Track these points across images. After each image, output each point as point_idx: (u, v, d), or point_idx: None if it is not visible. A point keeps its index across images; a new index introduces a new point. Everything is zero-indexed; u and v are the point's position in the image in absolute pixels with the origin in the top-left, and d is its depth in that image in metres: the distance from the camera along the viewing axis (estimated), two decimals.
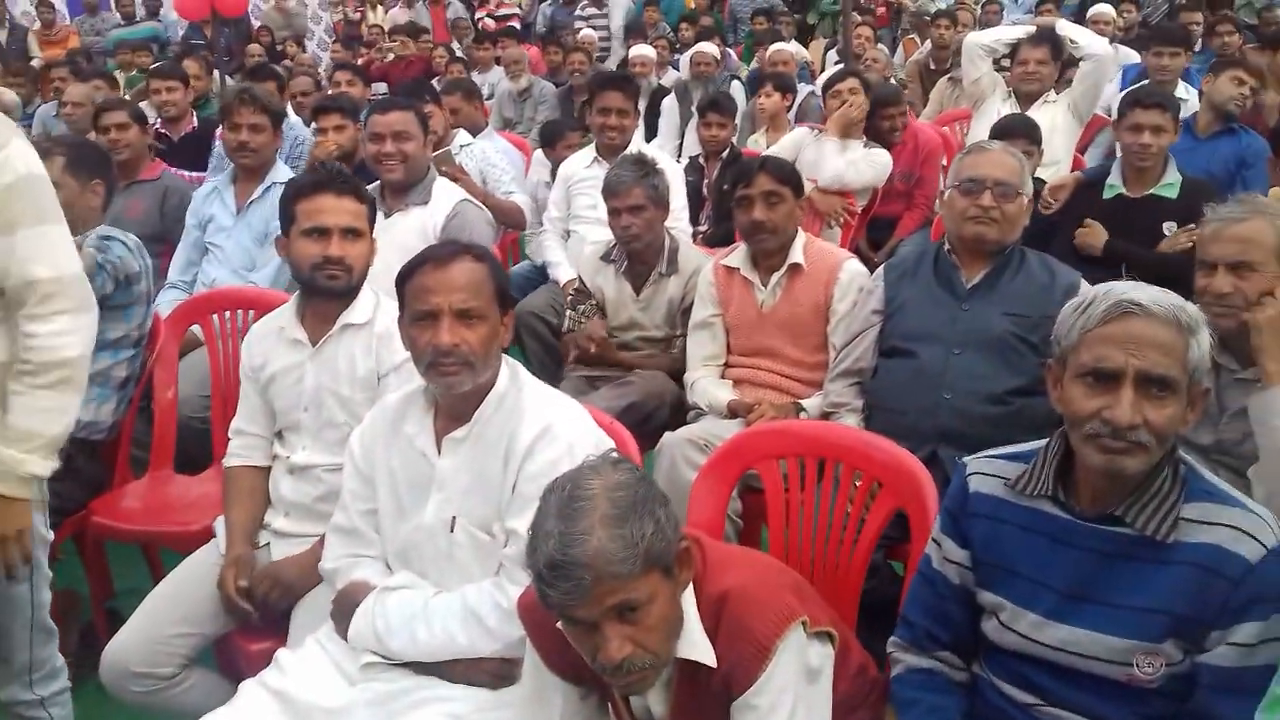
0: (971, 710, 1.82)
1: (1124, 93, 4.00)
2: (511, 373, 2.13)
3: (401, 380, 2.33)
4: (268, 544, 2.51)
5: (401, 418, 2.15)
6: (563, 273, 4.38)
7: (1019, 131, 4.11)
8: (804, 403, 3.08)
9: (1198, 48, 6.56)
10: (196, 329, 3.33)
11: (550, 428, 2.03)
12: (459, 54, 9.38)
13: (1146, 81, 5.15)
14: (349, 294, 2.50)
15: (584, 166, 4.53)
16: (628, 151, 3.93)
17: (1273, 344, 2.17)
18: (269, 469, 2.58)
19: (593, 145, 4.60)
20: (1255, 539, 1.58)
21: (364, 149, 3.91)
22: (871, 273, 3.14)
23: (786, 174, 3.20)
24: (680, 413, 3.31)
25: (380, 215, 3.66)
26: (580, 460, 1.68)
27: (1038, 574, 1.72)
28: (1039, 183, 3.95)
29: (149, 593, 2.45)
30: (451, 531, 2.08)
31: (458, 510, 2.07)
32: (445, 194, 3.70)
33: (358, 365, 2.47)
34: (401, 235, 3.45)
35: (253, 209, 3.91)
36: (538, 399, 2.11)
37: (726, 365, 3.30)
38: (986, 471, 1.82)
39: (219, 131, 4.68)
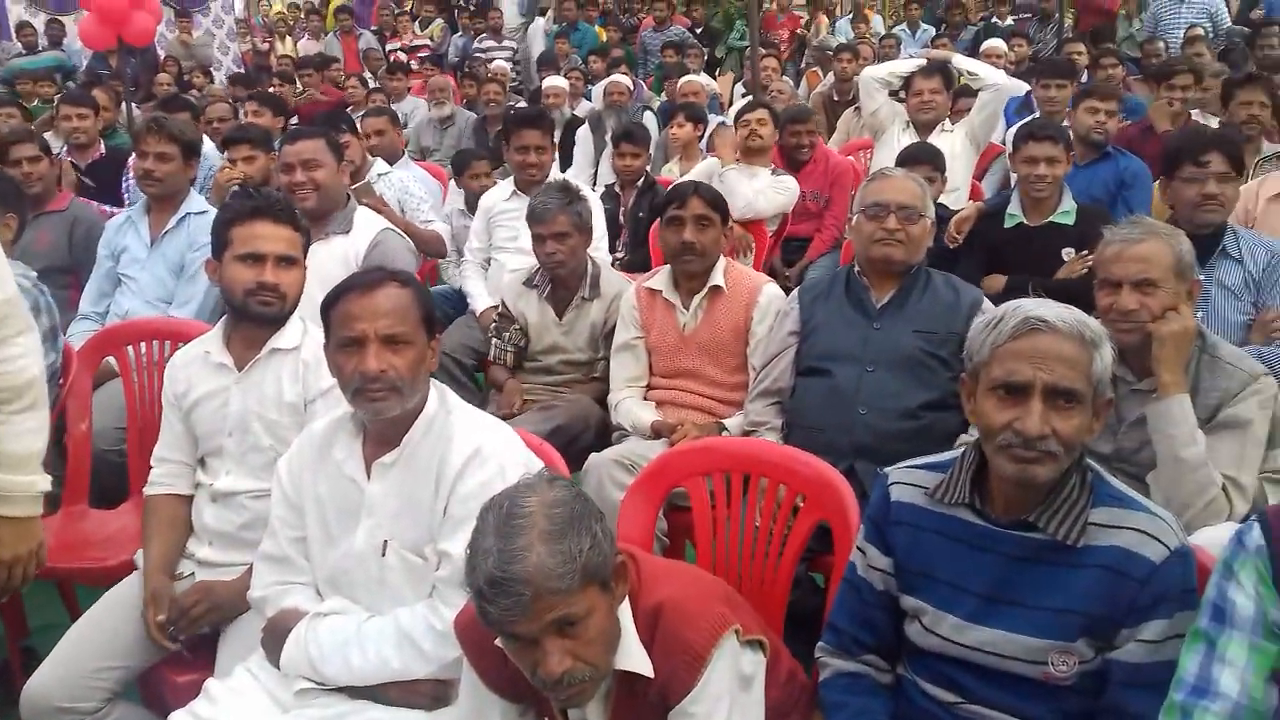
0: (897, 710, 1.89)
1: (1017, 126, 4.19)
2: (440, 396, 2.15)
3: (329, 406, 2.33)
4: (191, 574, 2.47)
5: (329, 444, 2.15)
6: (480, 303, 4.40)
7: (924, 158, 4.29)
8: (725, 422, 3.16)
9: (1084, 79, 6.89)
10: (112, 360, 3.26)
11: (480, 450, 2.06)
12: (373, 85, 9.35)
13: (1037, 115, 5.39)
14: (279, 321, 2.49)
15: (504, 199, 4.57)
16: (550, 179, 3.98)
17: (1172, 356, 2.31)
18: (192, 498, 2.55)
19: (511, 178, 4.64)
20: (1159, 541, 1.68)
21: (277, 179, 3.89)
22: (788, 292, 3.25)
23: (717, 201, 3.32)
24: (605, 435, 3.36)
25: None
26: (511, 481, 1.71)
27: (957, 578, 1.80)
28: (943, 209, 4.12)
29: (66, 629, 2.40)
30: (383, 556, 2.08)
31: (389, 534, 2.08)
32: (366, 223, 3.70)
33: (285, 390, 2.46)
34: (324, 264, 3.42)
35: (167, 240, 3.85)
36: (467, 422, 2.13)
37: (649, 387, 3.36)
38: (907, 481, 1.91)
39: (130, 161, 4.60)
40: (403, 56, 11.00)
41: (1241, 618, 1.54)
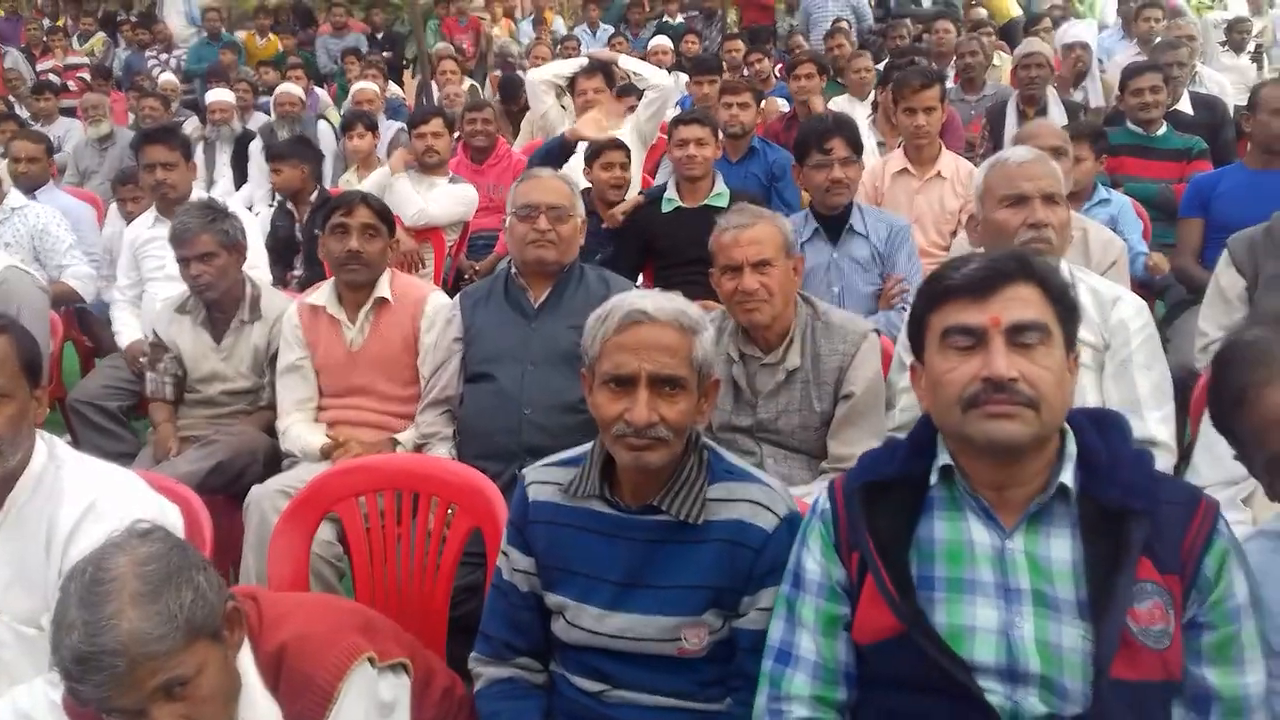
0: (551, 708, 1.91)
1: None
2: (49, 450, 1.98)
3: None
4: None
5: None
6: (125, 337, 4.09)
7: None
8: (399, 436, 3.10)
9: (744, 73, 7.29)
10: None
11: (95, 505, 1.91)
12: (16, 108, 8.51)
13: None
14: None
15: (147, 228, 4.27)
16: (194, 198, 3.76)
17: None
18: None
19: (154, 205, 4.33)
20: (770, 510, 1.79)
21: None
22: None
23: (384, 212, 3.26)
24: (276, 465, 3.20)
25: None
26: None
27: (594, 570, 1.84)
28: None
29: None
30: None
31: None
32: None
33: None
34: None
35: None
36: (80, 475, 1.98)
37: (320, 408, 3.24)
38: (542, 479, 1.93)
39: None
40: (55, 78, 10.05)
41: (810, 581, 1.65)
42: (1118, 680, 1.41)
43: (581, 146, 4.70)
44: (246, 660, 1.60)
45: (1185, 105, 5.32)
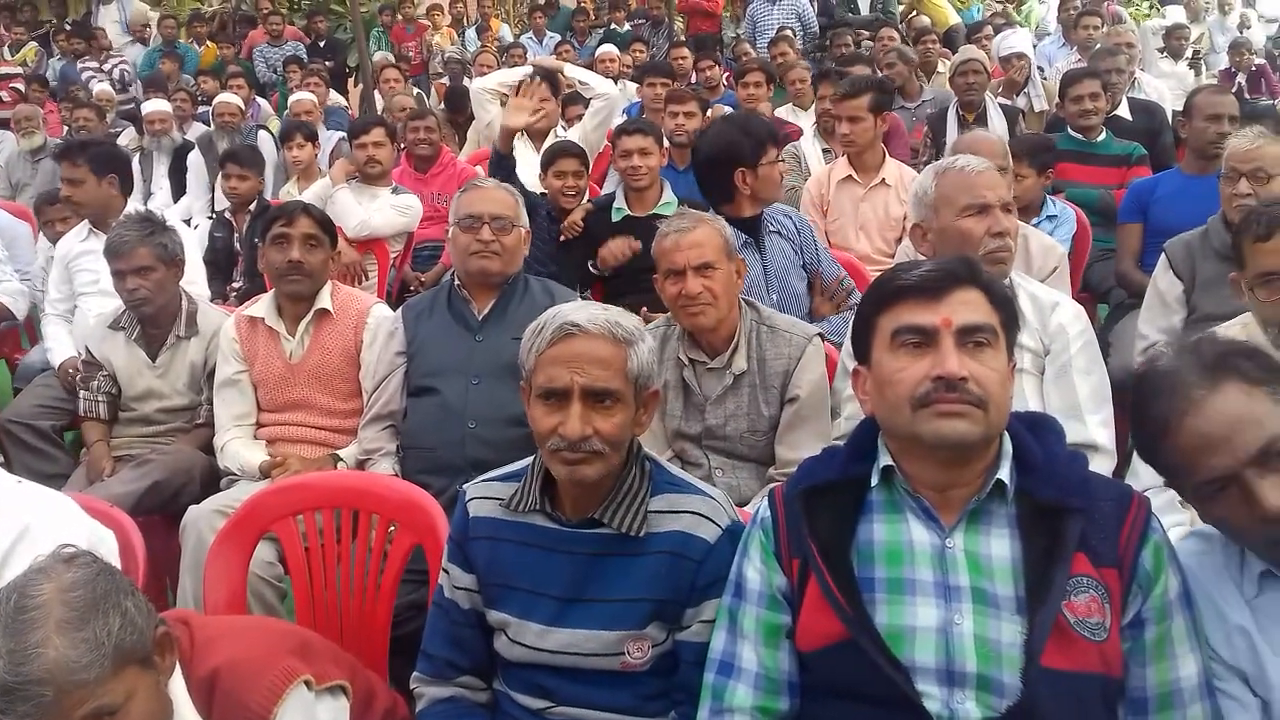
0: None
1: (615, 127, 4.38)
2: None
3: None
4: None
5: None
6: (58, 354, 3.97)
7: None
8: (341, 453, 3.05)
9: (693, 80, 7.32)
10: None
11: (28, 530, 1.87)
12: None
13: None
14: None
15: (80, 241, 4.16)
16: (129, 210, 3.67)
17: None
18: None
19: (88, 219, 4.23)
20: (712, 521, 1.77)
21: None
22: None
23: (326, 222, 3.22)
24: (214, 484, 3.13)
25: None
26: None
27: (536, 585, 1.81)
28: None
29: None
30: None
31: None
32: None
33: None
34: None
35: None
36: (12, 500, 1.93)
37: (259, 424, 3.18)
38: (483, 495, 1.89)
39: None
40: None
41: (751, 591, 1.64)
42: (1049, 669, 1.43)
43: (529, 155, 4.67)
44: (178, 686, 1.56)
45: (1124, 111, 5.41)
